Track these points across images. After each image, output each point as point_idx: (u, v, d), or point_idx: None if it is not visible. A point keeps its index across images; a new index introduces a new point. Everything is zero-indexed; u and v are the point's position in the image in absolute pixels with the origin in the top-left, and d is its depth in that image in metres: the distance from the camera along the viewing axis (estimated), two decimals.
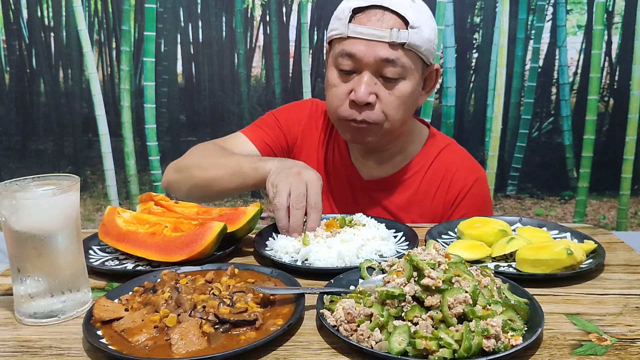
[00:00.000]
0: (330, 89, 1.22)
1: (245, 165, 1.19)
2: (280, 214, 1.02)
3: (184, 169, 1.30)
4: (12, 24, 2.67)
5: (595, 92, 2.67)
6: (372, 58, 1.14)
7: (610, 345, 0.68)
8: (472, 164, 1.37)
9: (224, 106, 2.71)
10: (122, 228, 0.99)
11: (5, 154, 2.80)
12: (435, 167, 1.32)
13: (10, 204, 0.74)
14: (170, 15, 2.64)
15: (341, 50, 1.16)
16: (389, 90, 1.17)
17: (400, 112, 1.19)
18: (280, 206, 1.02)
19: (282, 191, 1.02)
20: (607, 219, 2.80)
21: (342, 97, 1.19)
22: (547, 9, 2.60)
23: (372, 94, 1.16)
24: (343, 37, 1.16)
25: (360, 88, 1.15)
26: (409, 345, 0.64)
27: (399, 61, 1.14)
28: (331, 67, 1.22)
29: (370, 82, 1.15)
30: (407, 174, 1.32)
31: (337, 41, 1.19)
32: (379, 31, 1.13)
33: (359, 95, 1.15)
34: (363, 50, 1.14)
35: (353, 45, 1.15)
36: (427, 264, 0.70)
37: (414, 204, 1.30)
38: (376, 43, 1.13)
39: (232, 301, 0.75)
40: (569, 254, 0.87)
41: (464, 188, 1.30)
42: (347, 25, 1.15)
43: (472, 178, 1.31)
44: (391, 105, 1.17)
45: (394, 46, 1.13)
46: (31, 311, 0.76)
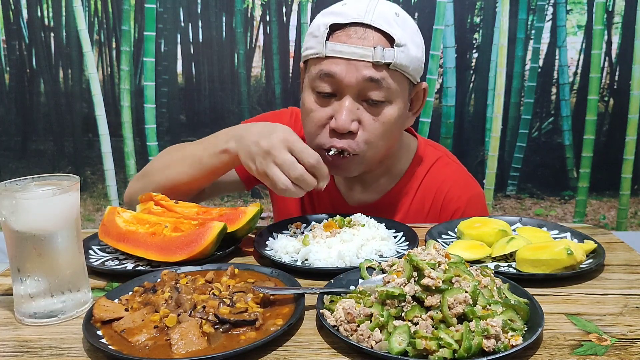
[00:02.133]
0: (307, 115, 1.09)
1: (203, 154, 1.10)
2: (291, 192, 0.97)
3: (143, 176, 1.22)
4: (12, 24, 2.67)
5: (595, 92, 2.67)
6: (354, 79, 1.02)
7: (610, 345, 0.68)
8: (465, 181, 1.24)
9: (224, 106, 2.71)
10: (122, 228, 0.99)
11: (5, 154, 2.80)
12: (426, 186, 1.21)
13: (10, 204, 0.74)
14: (170, 15, 2.64)
15: (319, 71, 1.04)
16: (373, 116, 1.05)
17: (385, 140, 1.08)
18: (286, 189, 0.96)
19: (277, 177, 0.96)
20: (607, 219, 2.81)
21: (321, 124, 1.07)
22: (547, 9, 2.60)
23: (355, 121, 1.04)
24: (321, 56, 1.04)
25: (342, 115, 1.03)
26: (409, 345, 0.64)
27: (384, 82, 1.02)
28: (307, 90, 1.09)
29: (352, 108, 1.03)
30: (396, 197, 1.22)
31: (313, 61, 1.07)
32: (361, 49, 1.01)
33: (339, 123, 1.03)
34: (344, 70, 1.02)
35: (332, 65, 1.03)
36: (427, 264, 0.70)
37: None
38: (358, 63, 1.01)
39: (232, 301, 0.75)
40: (569, 254, 0.87)
41: (458, 209, 1.19)
42: (325, 44, 1.03)
43: (465, 197, 1.20)
44: (375, 133, 1.06)
45: (378, 66, 1.01)
46: (31, 311, 0.76)
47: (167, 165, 1.17)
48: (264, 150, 0.97)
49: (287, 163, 0.95)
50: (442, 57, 2.65)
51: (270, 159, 0.96)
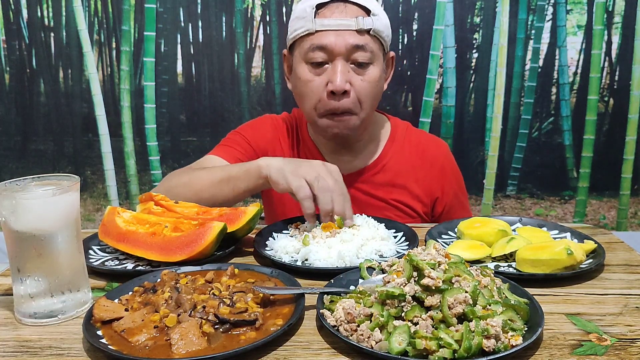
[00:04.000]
0: (304, 86, 1.24)
1: (233, 169, 1.16)
2: (328, 196, 1.03)
3: (166, 191, 1.24)
4: (12, 24, 2.67)
5: (595, 92, 2.66)
6: (344, 46, 1.19)
7: (610, 345, 0.68)
8: (436, 139, 1.48)
9: (224, 106, 2.71)
10: (122, 228, 0.99)
11: (5, 154, 2.80)
12: (409, 147, 1.39)
13: (10, 204, 0.74)
14: (170, 15, 2.64)
15: (311, 44, 1.20)
16: (360, 77, 1.22)
17: (372, 98, 1.25)
18: (327, 188, 1.03)
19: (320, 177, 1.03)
20: (607, 219, 2.80)
21: (319, 91, 1.22)
22: (547, 9, 2.60)
23: (347, 82, 1.20)
24: (311, 32, 1.20)
25: (336, 77, 1.19)
26: (409, 345, 0.64)
27: (368, 47, 1.20)
28: (300, 64, 1.25)
29: (344, 70, 1.20)
30: (384, 160, 1.37)
31: (303, 38, 1.22)
32: (345, 21, 1.19)
33: (336, 84, 1.18)
34: (333, 40, 1.19)
35: (323, 38, 1.19)
36: (427, 264, 0.70)
37: (399, 185, 1.35)
38: (345, 32, 1.19)
39: (232, 301, 0.75)
40: (569, 254, 0.87)
41: (444, 159, 1.41)
42: (314, 21, 1.19)
43: (444, 149, 1.44)
44: (364, 92, 1.22)
45: (361, 32, 1.19)
46: (31, 311, 0.76)
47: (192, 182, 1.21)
48: (317, 163, 1.08)
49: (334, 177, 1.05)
50: (442, 57, 2.65)
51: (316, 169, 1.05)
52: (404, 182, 1.36)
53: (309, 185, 1.03)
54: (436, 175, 1.39)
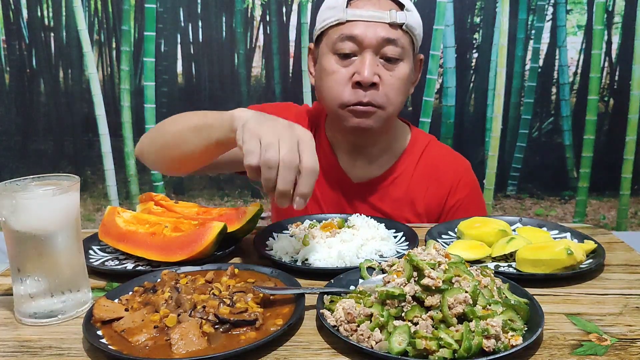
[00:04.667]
0: (328, 76, 1.19)
1: (210, 115, 0.99)
2: (272, 173, 0.81)
3: (154, 130, 1.19)
4: (12, 24, 2.67)
5: (595, 92, 2.66)
6: (374, 38, 1.14)
7: (610, 345, 0.68)
8: (457, 156, 1.39)
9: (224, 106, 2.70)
10: (122, 228, 0.99)
11: (5, 154, 2.80)
12: (423, 163, 1.32)
13: (10, 204, 0.74)
14: (170, 15, 2.64)
15: (340, 34, 1.16)
16: (389, 72, 1.17)
17: (400, 96, 1.20)
18: (274, 162, 0.80)
19: (273, 143, 0.81)
20: (607, 219, 2.80)
21: (344, 82, 1.17)
22: (547, 9, 2.60)
23: (376, 75, 1.15)
24: (341, 22, 1.16)
25: (365, 68, 1.14)
26: (409, 345, 0.64)
27: (399, 42, 1.16)
28: (327, 55, 1.19)
29: (373, 63, 1.15)
30: (397, 172, 1.31)
31: (332, 29, 1.18)
32: (379, 13, 1.14)
33: (364, 75, 1.13)
34: (364, 31, 1.14)
35: (353, 28, 1.15)
36: (427, 264, 0.70)
37: (407, 202, 1.30)
38: (377, 24, 1.14)
39: (232, 301, 0.75)
40: (569, 254, 0.87)
41: (455, 178, 1.32)
42: (345, 10, 1.15)
43: (461, 168, 1.35)
44: (392, 87, 1.17)
45: (393, 26, 1.15)
46: (31, 311, 0.76)
47: (175, 123, 1.09)
48: (282, 122, 0.86)
49: (291, 145, 0.82)
50: (442, 57, 2.65)
51: (276, 132, 0.83)
52: (413, 199, 1.30)
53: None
54: (443, 193, 1.30)
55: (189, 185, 2.83)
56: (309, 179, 0.82)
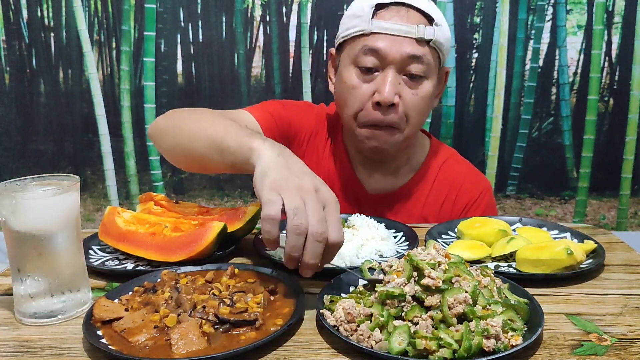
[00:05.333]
0: (349, 91, 1.14)
1: (232, 134, 0.91)
2: (300, 240, 0.73)
3: (170, 118, 1.11)
4: (12, 24, 2.67)
5: (595, 92, 2.66)
6: (399, 54, 1.09)
7: (610, 345, 0.68)
8: (477, 175, 1.33)
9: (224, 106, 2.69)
10: (122, 228, 0.99)
11: (5, 154, 2.80)
12: (441, 180, 1.28)
13: (10, 204, 0.74)
14: (170, 15, 2.64)
15: (363, 46, 1.11)
16: (412, 90, 1.12)
17: (421, 115, 1.16)
18: (304, 229, 0.73)
19: (301, 208, 0.73)
20: (607, 219, 2.80)
21: (364, 99, 1.13)
22: (547, 9, 2.60)
23: (397, 94, 1.11)
24: (365, 33, 1.10)
25: (385, 87, 1.09)
26: (409, 345, 0.64)
27: (425, 58, 1.10)
28: (348, 67, 1.15)
29: (395, 82, 1.10)
30: (413, 187, 1.28)
31: (355, 39, 1.13)
32: (405, 27, 1.09)
33: (384, 95, 1.09)
34: (389, 45, 1.09)
35: (377, 41, 1.09)
36: (427, 264, 0.70)
37: (421, 218, 1.27)
38: (402, 39, 1.09)
39: (232, 301, 0.74)
40: (569, 254, 0.87)
41: (470, 200, 1.27)
42: (370, 21, 1.10)
43: (478, 189, 1.29)
44: (414, 107, 1.13)
45: (420, 42, 1.10)
46: (31, 311, 0.76)
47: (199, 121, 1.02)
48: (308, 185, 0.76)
49: (320, 214, 0.74)
50: None
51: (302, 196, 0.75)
52: (427, 216, 1.27)
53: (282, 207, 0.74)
54: (457, 212, 1.27)
55: (189, 185, 2.83)
56: (332, 253, 0.77)
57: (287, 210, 0.74)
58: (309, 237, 0.73)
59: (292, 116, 1.27)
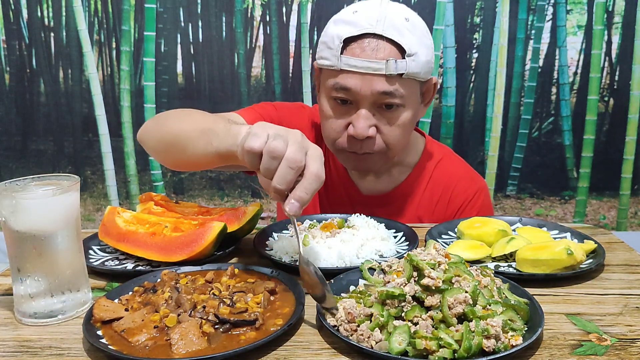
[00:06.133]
0: (325, 120, 1.15)
1: (220, 122, 0.90)
2: (273, 164, 0.74)
3: (159, 117, 1.13)
4: (12, 24, 2.67)
5: (595, 92, 2.67)
6: (369, 92, 1.07)
7: (610, 345, 0.68)
8: (472, 175, 1.32)
9: (224, 106, 2.71)
10: (122, 228, 0.99)
11: (5, 154, 2.80)
12: (435, 179, 1.28)
13: (10, 204, 0.74)
14: (170, 15, 2.64)
15: (334, 83, 1.09)
16: (388, 121, 1.11)
17: (401, 141, 1.15)
18: (278, 153, 0.73)
19: (282, 136, 0.75)
20: (607, 219, 2.80)
21: (339, 130, 1.13)
22: (547, 9, 2.60)
23: (372, 127, 1.10)
24: (336, 69, 1.08)
25: (359, 123, 1.08)
26: (409, 345, 0.64)
27: (398, 92, 1.07)
28: (324, 97, 1.14)
29: (368, 116, 1.09)
30: (407, 188, 1.28)
31: (328, 72, 1.11)
32: (374, 63, 1.05)
33: (358, 131, 1.08)
34: (359, 84, 1.07)
35: (347, 79, 1.07)
36: (427, 264, 0.70)
37: (415, 218, 1.27)
38: (372, 76, 1.06)
39: (232, 301, 0.75)
40: (569, 254, 0.87)
41: (465, 200, 1.27)
42: (340, 57, 1.07)
43: (473, 189, 1.28)
44: (392, 136, 1.12)
45: (391, 78, 1.06)
46: (31, 311, 0.76)
47: (182, 118, 1.03)
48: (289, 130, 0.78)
49: (299, 145, 0.75)
50: (442, 57, 2.65)
51: (286, 134, 0.76)
52: (421, 215, 1.26)
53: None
54: (451, 213, 1.26)
55: (189, 185, 2.83)
56: (311, 184, 0.75)
57: (269, 138, 0.74)
58: (283, 161, 0.73)
59: (282, 117, 1.27)
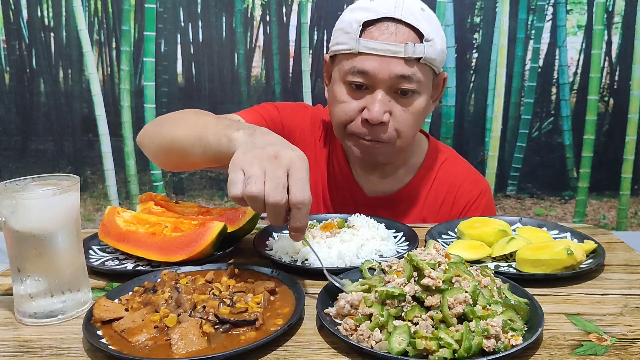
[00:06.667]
0: (337, 105, 1.14)
1: (211, 129, 0.91)
2: (258, 205, 0.76)
3: (157, 122, 1.13)
4: (12, 24, 2.67)
5: (595, 92, 2.67)
6: (387, 75, 1.07)
7: (610, 345, 0.68)
8: (476, 176, 1.33)
9: (224, 106, 2.71)
10: (122, 228, 0.99)
11: (5, 154, 2.80)
12: (439, 181, 1.28)
13: (10, 204, 0.74)
14: (170, 15, 2.64)
15: (352, 67, 1.09)
16: (403, 107, 1.11)
17: (413, 129, 1.15)
18: (256, 196, 0.75)
19: (256, 175, 0.75)
20: (607, 219, 2.80)
21: (353, 114, 1.12)
22: (547, 9, 2.60)
23: (387, 112, 1.10)
24: (353, 52, 1.09)
25: (374, 107, 1.08)
26: (409, 345, 0.64)
27: (415, 76, 1.08)
28: (338, 83, 1.14)
29: (384, 100, 1.09)
30: (412, 190, 1.28)
31: (345, 57, 1.11)
32: (393, 46, 1.06)
33: (373, 114, 1.08)
34: (377, 66, 1.07)
35: (365, 62, 1.08)
36: (427, 264, 0.70)
37: (419, 219, 1.27)
38: (390, 59, 1.07)
39: (232, 301, 0.75)
40: (569, 254, 0.87)
41: (469, 201, 1.27)
42: (358, 40, 1.07)
43: (477, 190, 1.28)
44: (405, 123, 1.12)
45: (409, 62, 1.07)
46: (31, 311, 0.76)
47: (177, 122, 1.04)
48: (268, 154, 0.78)
49: (276, 180, 0.76)
50: None
51: (262, 164, 0.77)
52: (425, 217, 1.26)
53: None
54: (455, 214, 1.26)
55: (189, 185, 2.83)
56: (299, 213, 0.77)
57: (245, 180, 0.76)
58: (266, 205, 0.76)
59: (284, 117, 1.27)
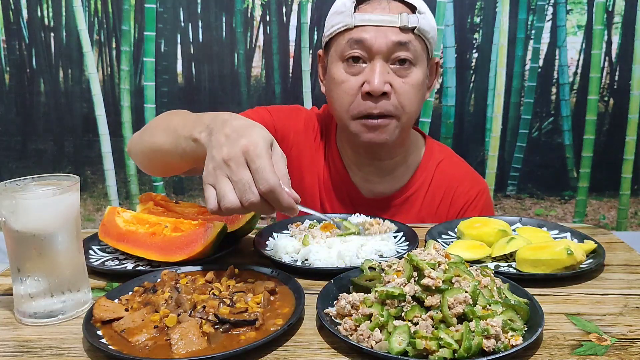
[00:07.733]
0: (337, 87, 1.14)
1: (182, 133, 0.91)
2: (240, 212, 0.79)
3: (142, 130, 1.13)
4: (12, 24, 2.67)
5: (595, 92, 2.67)
6: (384, 43, 1.09)
7: (610, 345, 0.68)
8: (473, 176, 1.33)
9: (224, 106, 2.71)
10: (122, 228, 0.99)
11: (5, 154, 2.80)
12: (437, 181, 1.28)
13: (10, 204, 0.74)
14: (170, 15, 2.64)
15: (349, 39, 1.11)
16: (402, 79, 1.12)
17: (414, 104, 1.15)
18: (233, 208, 0.77)
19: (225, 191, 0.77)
20: (607, 219, 2.81)
21: (353, 92, 1.12)
22: (547, 9, 2.61)
23: (387, 83, 1.10)
24: (349, 27, 1.11)
25: (374, 77, 1.09)
26: (409, 345, 0.64)
27: (411, 45, 1.11)
28: (336, 63, 1.15)
29: (383, 71, 1.10)
30: (410, 190, 1.27)
31: (340, 35, 1.13)
32: (388, 17, 1.10)
33: (374, 85, 1.09)
34: (373, 36, 1.10)
35: (362, 33, 1.10)
36: (427, 264, 0.70)
37: (418, 220, 1.26)
38: (387, 28, 1.10)
39: (232, 301, 0.75)
40: (569, 254, 0.87)
41: (467, 201, 1.27)
42: (353, 15, 1.11)
43: (475, 190, 1.28)
44: (406, 95, 1.12)
45: (404, 30, 1.10)
46: (31, 311, 0.76)
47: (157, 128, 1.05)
48: (223, 158, 0.78)
49: (241, 183, 0.77)
50: (442, 57, 2.65)
51: (224, 172, 0.78)
52: (424, 217, 1.26)
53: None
54: (453, 214, 1.27)
55: (189, 185, 2.83)
56: (274, 199, 0.77)
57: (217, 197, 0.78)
58: (246, 209, 0.78)
59: (277, 120, 1.27)
